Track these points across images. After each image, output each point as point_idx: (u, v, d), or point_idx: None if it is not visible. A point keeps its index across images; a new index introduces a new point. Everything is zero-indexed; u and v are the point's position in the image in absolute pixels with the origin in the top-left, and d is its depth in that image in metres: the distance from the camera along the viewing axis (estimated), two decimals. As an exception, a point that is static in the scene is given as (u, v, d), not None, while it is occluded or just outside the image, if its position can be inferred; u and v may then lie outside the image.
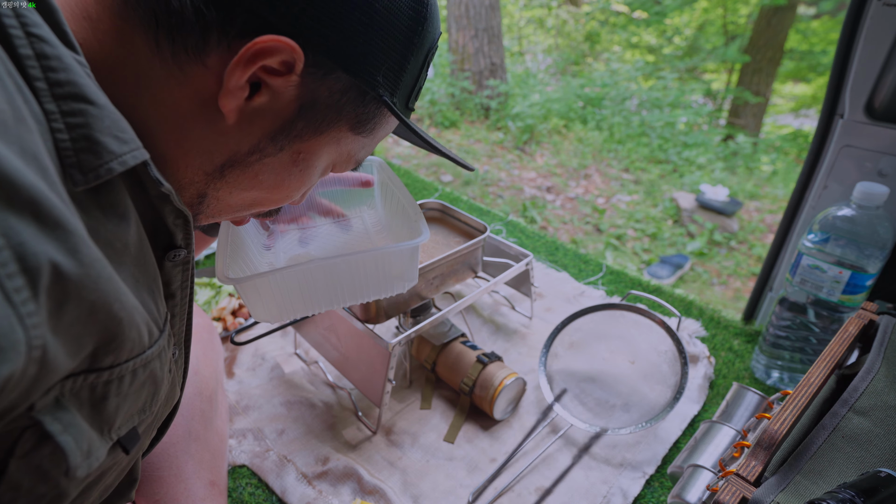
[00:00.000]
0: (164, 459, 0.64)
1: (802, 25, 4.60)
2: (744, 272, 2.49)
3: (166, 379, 0.39)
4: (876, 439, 0.52)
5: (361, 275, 0.59)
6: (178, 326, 0.44)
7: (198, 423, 0.69)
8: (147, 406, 0.37)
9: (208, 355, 0.77)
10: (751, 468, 0.51)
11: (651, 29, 5.39)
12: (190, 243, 0.41)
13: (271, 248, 0.73)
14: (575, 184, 3.22)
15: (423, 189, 1.87)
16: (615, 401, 0.92)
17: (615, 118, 3.96)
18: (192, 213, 0.42)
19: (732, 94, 4.60)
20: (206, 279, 1.26)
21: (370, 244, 0.75)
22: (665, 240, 2.69)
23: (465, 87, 4.19)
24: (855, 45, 0.89)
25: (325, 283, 0.57)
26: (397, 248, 0.57)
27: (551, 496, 0.80)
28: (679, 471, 0.71)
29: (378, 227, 0.78)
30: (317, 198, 0.72)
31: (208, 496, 0.66)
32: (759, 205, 3.10)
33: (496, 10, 4.04)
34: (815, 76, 4.66)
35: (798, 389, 0.57)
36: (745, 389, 0.76)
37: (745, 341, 1.13)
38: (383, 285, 0.61)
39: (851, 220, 0.84)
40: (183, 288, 0.43)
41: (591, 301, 1.24)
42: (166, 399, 0.42)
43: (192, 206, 0.41)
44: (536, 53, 5.72)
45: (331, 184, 0.73)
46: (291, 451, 0.87)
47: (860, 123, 0.92)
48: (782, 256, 1.11)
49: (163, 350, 0.37)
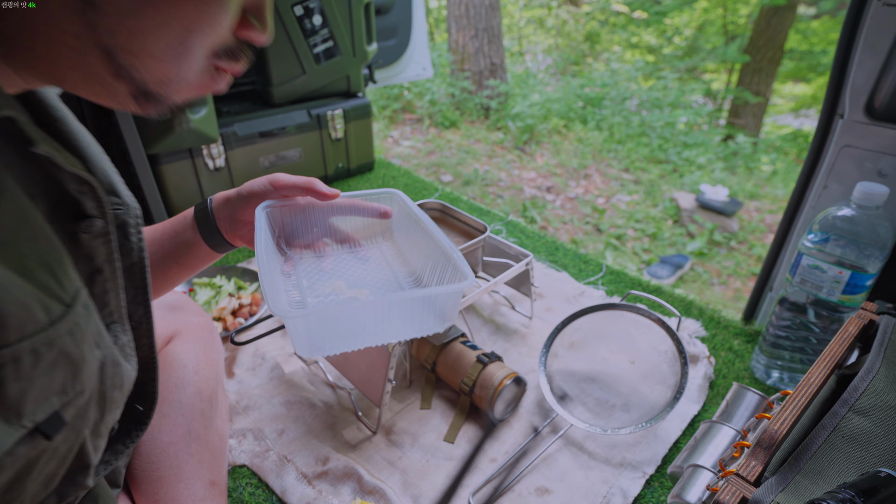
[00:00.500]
0: (164, 459, 0.65)
1: (802, 25, 4.60)
2: (744, 272, 2.49)
3: (91, 357, 0.36)
4: (876, 439, 0.52)
5: (409, 313, 0.59)
6: (115, 304, 0.42)
7: (198, 423, 0.69)
8: (67, 388, 0.34)
9: (208, 355, 0.77)
10: (751, 468, 0.51)
11: (651, 29, 5.39)
12: (105, 212, 0.38)
13: (291, 275, 0.72)
14: (575, 184, 3.22)
15: (423, 189, 1.87)
16: (615, 401, 0.92)
17: (615, 118, 3.96)
18: (150, 106, 0.37)
19: (732, 94, 4.60)
20: (206, 279, 1.26)
21: (392, 275, 0.75)
22: (665, 240, 2.69)
23: (465, 87, 4.19)
24: (855, 45, 0.89)
25: (374, 320, 0.57)
26: (450, 289, 0.57)
27: (551, 496, 0.80)
28: (679, 471, 0.71)
29: (397, 259, 0.78)
30: (334, 224, 0.72)
31: (209, 496, 0.66)
32: (759, 205, 3.09)
33: (496, 10, 4.04)
34: (815, 76, 4.66)
35: (798, 389, 0.57)
36: (745, 389, 0.76)
37: (745, 341, 1.13)
38: (427, 324, 0.62)
39: (851, 220, 0.84)
40: (110, 262, 0.40)
41: (591, 301, 1.24)
42: (114, 379, 0.39)
43: (138, 98, 0.36)
44: (536, 53, 5.72)
45: (348, 211, 0.72)
46: (291, 451, 0.87)
47: (860, 123, 0.92)
48: (782, 256, 1.11)
49: (75, 327, 0.34)
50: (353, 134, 1.85)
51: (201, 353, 0.75)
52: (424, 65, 2.30)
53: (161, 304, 0.78)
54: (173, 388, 0.69)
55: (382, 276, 0.74)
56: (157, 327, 0.74)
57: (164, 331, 0.75)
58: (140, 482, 0.64)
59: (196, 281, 1.25)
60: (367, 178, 1.94)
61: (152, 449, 0.65)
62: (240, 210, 0.61)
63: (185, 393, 0.69)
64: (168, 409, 0.68)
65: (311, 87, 1.73)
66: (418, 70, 2.29)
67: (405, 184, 1.90)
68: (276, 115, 1.67)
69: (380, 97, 4.32)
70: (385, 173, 1.97)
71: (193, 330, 0.78)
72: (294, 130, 1.69)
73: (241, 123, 1.60)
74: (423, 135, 3.84)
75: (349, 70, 1.79)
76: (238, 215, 0.61)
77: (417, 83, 4.32)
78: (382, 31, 2.09)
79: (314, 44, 1.66)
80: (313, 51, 1.67)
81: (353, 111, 1.81)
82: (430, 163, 3.30)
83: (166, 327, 0.76)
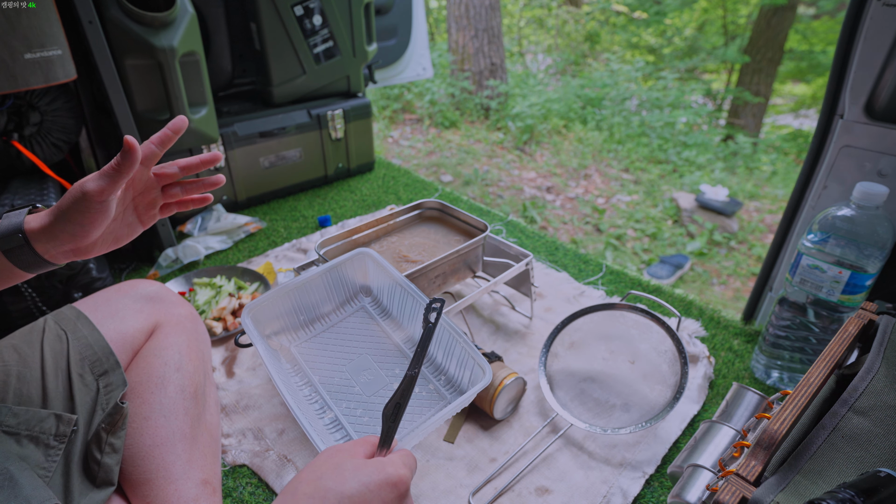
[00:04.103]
0: (150, 462, 0.63)
1: (802, 25, 4.60)
2: (744, 272, 2.49)
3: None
4: (876, 439, 0.52)
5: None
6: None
7: (182, 422, 0.67)
8: None
9: (193, 347, 0.74)
10: (750, 468, 0.51)
11: (651, 29, 5.39)
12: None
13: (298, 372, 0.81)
14: (575, 184, 3.22)
15: (423, 189, 1.87)
16: (615, 401, 0.92)
17: (615, 118, 3.96)
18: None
19: (732, 94, 4.61)
20: (207, 279, 1.26)
21: (390, 343, 0.83)
22: (665, 240, 2.69)
23: (465, 87, 4.19)
24: (855, 45, 0.89)
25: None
26: (480, 387, 0.65)
27: (551, 496, 0.80)
28: (679, 471, 0.71)
29: (386, 320, 0.87)
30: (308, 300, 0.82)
31: (201, 495, 0.64)
32: (759, 205, 3.10)
33: (496, 10, 4.04)
34: (815, 76, 4.66)
35: (798, 389, 0.57)
36: (745, 389, 0.76)
37: (745, 341, 1.13)
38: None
39: (851, 220, 0.84)
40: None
41: (591, 301, 1.24)
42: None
43: None
44: (536, 53, 5.72)
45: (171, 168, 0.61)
46: (291, 450, 0.87)
47: (860, 123, 0.92)
48: (782, 256, 1.11)
49: None
50: (353, 134, 1.85)
51: (185, 346, 0.73)
52: (424, 65, 2.30)
53: (138, 296, 0.75)
54: (154, 387, 0.67)
55: (380, 344, 0.82)
56: (135, 321, 0.73)
57: (144, 324, 0.73)
58: (131, 483, 0.63)
59: (196, 281, 1.25)
60: (366, 178, 1.94)
61: (137, 452, 0.63)
62: (66, 234, 0.51)
63: (166, 392, 0.67)
64: (149, 410, 0.66)
65: (311, 87, 1.73)
66: (418, 70, 2.29)
67: (405, 184, 1.90)
68: (276, 115, 1.67)
69: (380, 97, 4.32)
70: (385, 173, 1.97)
71: (176, 321, 0.75)
72: (294, 130, 1.69)
73: (241, 123, 1.60)
74: (423, 135, 3.84)
75: (349, 70, 1.79)
76: (65, 243, 0.52)
77: (417, 83, 4.32)
78: (382, 31, 2.09)
79: (314, 44, 1.66)
80: (313, 51, 1.67)
81: (353, 111, 1.81)
82: (430, 163, 3.30)
83: (145, 320, 0.73)
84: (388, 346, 0.81)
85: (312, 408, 0.73)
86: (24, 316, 1.10)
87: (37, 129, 1.17)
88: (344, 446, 0.46)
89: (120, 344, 0.70)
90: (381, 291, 0.86)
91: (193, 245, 1.40)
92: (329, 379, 0.77)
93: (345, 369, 0.78)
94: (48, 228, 0.50)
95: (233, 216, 1.53)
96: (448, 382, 0.75)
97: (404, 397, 0.49)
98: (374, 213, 1.70)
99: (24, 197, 1.10)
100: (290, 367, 0.78)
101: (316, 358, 0.79)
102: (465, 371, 0.72)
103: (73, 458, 0.60)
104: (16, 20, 0.95)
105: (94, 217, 0.50)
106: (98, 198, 0.49)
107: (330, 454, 0.45)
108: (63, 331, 0.67)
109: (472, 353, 0.69)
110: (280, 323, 0.81)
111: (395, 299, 0.83)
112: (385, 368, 0.78)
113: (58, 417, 0.60)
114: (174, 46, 1.24)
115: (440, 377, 0.76)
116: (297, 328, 0.83)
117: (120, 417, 0.62)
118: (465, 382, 0.72)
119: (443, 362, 0.76)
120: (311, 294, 0.82)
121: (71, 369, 0.64)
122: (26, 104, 1.14)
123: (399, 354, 0.79)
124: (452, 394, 0.74)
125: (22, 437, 0.57)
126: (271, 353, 0.76)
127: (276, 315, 0.80)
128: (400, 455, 0.46)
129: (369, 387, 0.76)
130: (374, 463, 0.44)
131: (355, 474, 0.42)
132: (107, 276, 1.23)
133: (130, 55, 1.22)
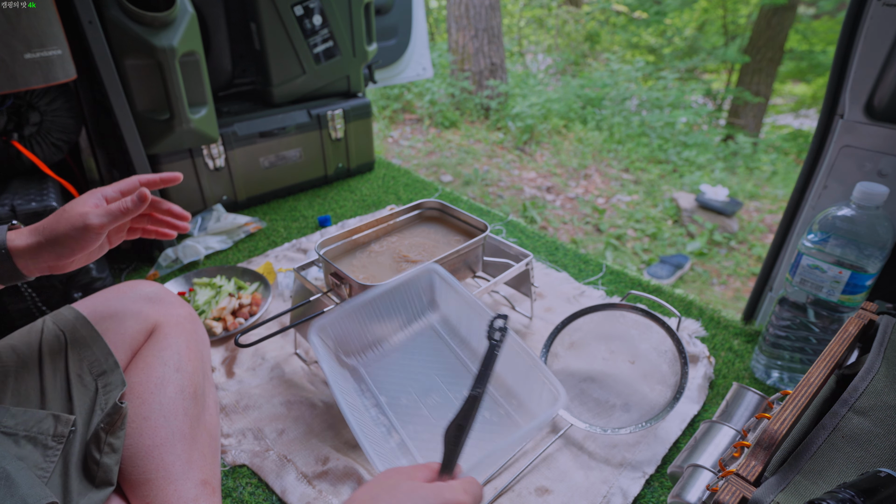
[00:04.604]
0: (149, 462, 0.63)
1: (802, 25, 4.59)
2: (744, 272, 2.49)
3: None
4: (876, 439, 0.52)
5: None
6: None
7: (182, 423, 0.67)
8: None
9: (192, 348, 0.74)
10: (751, 468, 0.51)
11: (651, 29, 5.39)
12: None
13: (365, 392, 0.78)
14: (575, 184, 3.22)
15: (423, 189, 1.87)
16: (615, 401, 0.92)
17: (615, 118, 3.96)
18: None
19: (732, 94, 4.60)
20: (206, 279, 1.26)
21: (456, 359, 0.80)
22: (665, 240, 2.69)
23: (465, 87, 4.19)
24: (855, 45, 0.89)
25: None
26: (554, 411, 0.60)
27: (551, 496, 0.80)
28: (679, 471, 0.71)
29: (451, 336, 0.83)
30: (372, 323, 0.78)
31: (201, 495, 0.64)
32: (759, 205, 3.09)
33: (496, 10, 4.04)
34: (815, 76, 4.66)
35: (798, 389, 0.57)
36: (745, 389, 0.76)
37: (745, 341, 1.13)
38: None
39: (851, 220, 0.84)
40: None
41: (591, 301, 1.24)
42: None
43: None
44: (536, 53, 5.72)
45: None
46: (291, 450, 0.87)
47: (860, 123, 0.92)
48: (782, 256, 1.11)
49: None
50: (353, 134, 1.85)
51: (184, 346, 0.73)
52: (424, 65, 2.30)
53: (137, 296, 0.75)
54: (154, 388, 0.67)
55: (448, 365, 0.78)
56: (134, 321, 0.73)
57: (143, 325, 0.73)
58: (130, 483, 0.63)
59: (196, 281, 1.25)
60: (367, 178, 1.94)
61: (136, 452, 0.63)
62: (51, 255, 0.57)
63: (165, 393, 0.67)
64: (148, 411, 0.65)
65: (311, 87, 1.73)
66: (418, 70, 2.29)
67: (405, 184, 1.90)
68: (276, 115, 1.67)
69: (380, 97, 4.32)
70: (385, 173, 1.97)
71: (175, 322, 0.75)
72: (294, 130, 1.69)
73: (241, 123, 1.60)
74: (423, 135, 3.84)
75: (349, 70, 1.79)
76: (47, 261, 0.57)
77: (417, 83, 4.32)
78: (382, 31, 2.09)
79: (314, 44, 1.66)
80: (313, 51, 1.67)
81: (353, 111, 1.81)
82: (430, 163, 3.30)
83: (144, 321, 0.73)
84: (457, 366, 0.77)
85: (378, 430, 0.70)
86: (24, 316, 1.10)
87: (36, 128, 1.17)
88: (403, 469, 0.45)
89: (119, 344, 0.69)
90: (449, 308, 0.82)
91: (193, 245, 1.40)
92: (396, 401, 0.73)
93: (412, 390, 0.74)
94: (34, 248, 0.55)
95: (233, 216, 1.53)
96: (520, 406, 0.70)
97: (467, 419, 0.46)
98: (374, 213, 1.70)
99: (24, 197, 1.10)
100: (356, 387, 0.75)
101: (384, 378, 0.76)
102: (534, 393, 0.67)
103: (72, 458, 0.60)
104: (16, 20, 0.95)
105: (87, 245, 0.57)
106: (100, 231, 0.56)
107: (388, 475, 0.44)
108: (61, 331, 0.67)
109: (543, 372, 0.64)
110: (348, 342, 0.78)
111: (464, 317, 0.78)
112: (454, 391, 0.74)
113: (56, 418, 0.60)
114: (174, 46, 1.24)
115: (512, 401, 0.71)
116: (365, 348, 0.79)
117: (119, 417, 0.62)
118: (533, 405, 0.67)
119: (513, 384, 0.71)
120: (379, 311, 0.79)
121: (69, 370, 0.64)
122: (26, 104, 1.14)
123: (468, 376, 0.75)
124: (525, 417, 0.69)
125: (20, 437, 0.57)
126: (339, 373, 0.73)
127: (343, 333, 0.77)
128: (463, 482, 0.43)
129: (437, 410, 0.72)
130: (431, 487, 0.42)
131: (410, 496, 0.40)
132: (106, 276, 1.24)
133: (130, 55, 1.22)
